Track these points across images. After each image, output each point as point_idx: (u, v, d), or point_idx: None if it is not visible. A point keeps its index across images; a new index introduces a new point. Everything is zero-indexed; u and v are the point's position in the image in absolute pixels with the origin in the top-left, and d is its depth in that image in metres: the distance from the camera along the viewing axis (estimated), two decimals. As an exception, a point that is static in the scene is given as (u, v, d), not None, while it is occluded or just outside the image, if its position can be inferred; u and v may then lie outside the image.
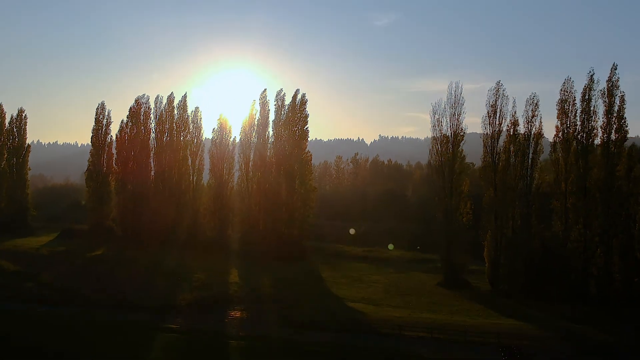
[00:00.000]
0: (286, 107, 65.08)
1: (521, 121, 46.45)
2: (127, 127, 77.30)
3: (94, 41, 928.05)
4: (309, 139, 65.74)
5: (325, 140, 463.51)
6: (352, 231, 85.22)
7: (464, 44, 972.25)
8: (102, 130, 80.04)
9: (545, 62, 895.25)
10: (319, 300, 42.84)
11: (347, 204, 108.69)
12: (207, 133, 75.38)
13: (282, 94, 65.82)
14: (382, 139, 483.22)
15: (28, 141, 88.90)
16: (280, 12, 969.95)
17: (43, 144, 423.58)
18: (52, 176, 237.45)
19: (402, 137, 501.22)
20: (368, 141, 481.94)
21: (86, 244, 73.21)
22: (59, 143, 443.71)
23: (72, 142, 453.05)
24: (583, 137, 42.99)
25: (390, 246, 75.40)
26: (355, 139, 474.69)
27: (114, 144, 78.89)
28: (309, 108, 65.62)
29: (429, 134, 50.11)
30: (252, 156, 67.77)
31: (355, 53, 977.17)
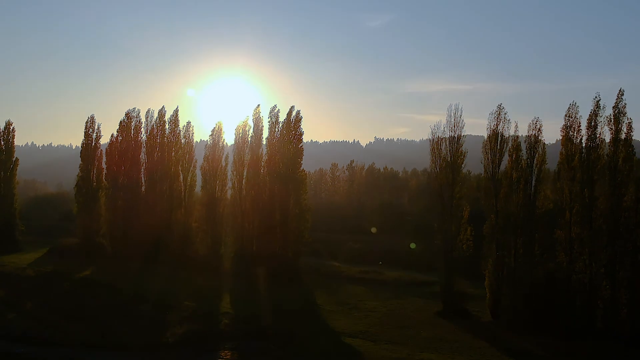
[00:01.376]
0: (280, 125, 63.21)
1: (523, 146, 44.74)
2: (117, 141, 75.45)
3: (87, 43, 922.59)
4: (304, 141, 64.30)
5: (321, 142, 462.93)
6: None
7: (457, 45, 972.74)
8: (91, 144, 78.04)
9: (539, 62, 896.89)
10: (314, 336, 41.04)
11: (343, 215, 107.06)
12: (201, 135, 74.00)
13: (276, 111, 64.03)
14: (377, 141, 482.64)
15: (22, 143, 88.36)
16: (273, 13, 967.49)
17: (37, 146, 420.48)
18: (46, 181, 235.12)
19: (398, 139, 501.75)
20: (363, 143, 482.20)
21: (75, 262, 71.31)
22: (53, 145, 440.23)
23: (66, 144, 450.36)
24: (588, 165, 41.28)
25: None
26: (351, 141, 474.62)
27: (104, 158, 77.33)
28: (304, 110, 63.66)
29: (424, 136, 48.68)
30: (245, 173, 65.89)
31: (348, 54, 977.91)
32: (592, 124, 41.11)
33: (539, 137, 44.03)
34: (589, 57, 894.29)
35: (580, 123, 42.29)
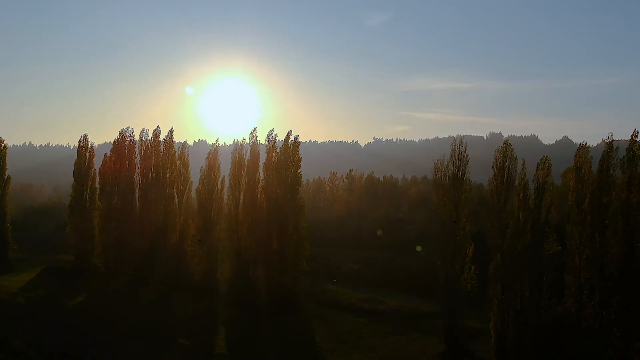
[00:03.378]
0: (278, 149, 61.44)
1: (531, 185, 42.93)
2: (110, 162, 73.82)
3: (85, 43, 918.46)
4: (302, 141, 62.81)
5: (320, 142, 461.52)
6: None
7: (456, 43, 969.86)
8: (84, 164, 76.43)
9: (538, 61, 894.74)
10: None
11: (343, 228, 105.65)
12: (199, 135, 72.56)
13: (273, 134, 62.16)
14: (377, 141, 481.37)
15: (19, 143, 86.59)
16: (271, 12, 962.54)
17: (35, 146, 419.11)
18: (43, 184, 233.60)
19: (397, 139, 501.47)
20: (362, 143, 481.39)
21: (68, 285, 69.99)
22: (51, 145, 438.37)
23: (64, 144, 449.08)
24: (599, 209, 39.47)
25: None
26: (350, 141, 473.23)
27: (97, 178, 75.77)
28: (303, 108, 63.11)
29: (423, 136, 46.90)
30: (242, 197, 64.19)
31: (348, 52, 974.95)
32: (605, 166, 39.24)
33: (548, 177, 42.11)
34: (590, 56, 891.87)
35: (590, 164, 40.46)
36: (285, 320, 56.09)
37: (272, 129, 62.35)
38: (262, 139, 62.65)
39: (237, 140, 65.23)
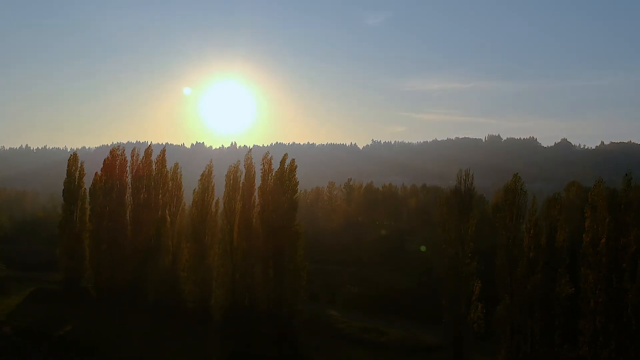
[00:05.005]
0: (273, 172, 58.98)
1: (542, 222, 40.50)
2: (101, 181, 71.22)
3: (82, 44, 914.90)
4: (301, 143, 61.42)
5: (317, 144, 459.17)
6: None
7: (456, 43, 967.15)
8: (74, 183, 73.76)
9: (539, 61, 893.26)
10: None
11: (342, 243, 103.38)
12: (196, 138, 70.31)
13: (268, 157, 59.65)
14: (375, 144, 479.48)
15: (17, 146, 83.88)
16: (268, 13, 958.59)
17: (32, 148, 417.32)
18: (38, 191, 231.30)
19: (395, 141, 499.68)
20: (361, 145, 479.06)
21: (58, 311, 67.51)
22: (48, 147, 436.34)
23: (61, 147, 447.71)
24: (616, 251, 37.04)
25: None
26: (348, 144, 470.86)
27: (88, 198, 73.19)
28: (301, 109, 60.77)
29: (421, 137, 44.43)
30: (237, 221, 61.63)
31: (346, 52, 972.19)
32: (622, 207, 36.81)
33: (560, 214, 39.66)
34: (589, 56, 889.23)
35: (606, 202, 38.02)
36: (281, 355, 53.59)
37: (268, 152, 60.02)
38: (259, 140, 60.78)
39: (234, 142, 63.53)
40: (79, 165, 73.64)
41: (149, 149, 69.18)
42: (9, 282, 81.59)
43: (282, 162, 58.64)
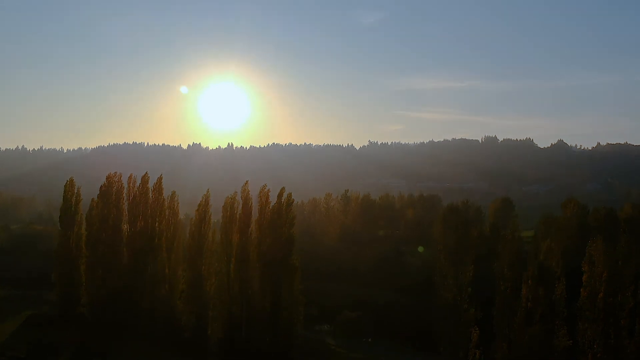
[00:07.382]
0: (271, 205, 58.82)
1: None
2: (97, 207, 70.77)
3: (79, 45, 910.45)
4: (298, 144, 61.53)
5: (314, 145, 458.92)
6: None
7: (452, 43, 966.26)
8: (71, 209, 73.24)
9: (534, 60, 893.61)
10: None
11: (339, 261, 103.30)
12: (193, 138, 70.19)
13: (265, 190, 59.51)
14: (371, 145, 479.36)
15: (13, 147, 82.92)
16: (264, 11, 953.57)
17: (28, 149, 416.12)
18: (34, 196, 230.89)
19: (392, 142, 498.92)
20: (357, 146, 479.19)
21: (52, 340, 66.92)
22: (44, 149, 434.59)
23: (57, 147, 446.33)
24: (614, 307, 37.00)
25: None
26: (345, 144, 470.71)
27: (84, 224, 72.79)
28: (297, 110, 60.37)
29: (417, 136, 44.35)
30: (234, 253, 61.46)
31: (341, 52, 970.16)
32: (620, 262, 36.74)
33: (557, 268, 39.58)
34: (585, 55, 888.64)
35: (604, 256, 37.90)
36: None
37: (265, 184, 59.84)
38: (255, 141, 61.17)
39: (231, 143, 63.60)
40: (76, 191, 72.99)
41: (145, 176, 68.81)
42: (3, 304, 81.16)
43: (280, 195, 58.59)
